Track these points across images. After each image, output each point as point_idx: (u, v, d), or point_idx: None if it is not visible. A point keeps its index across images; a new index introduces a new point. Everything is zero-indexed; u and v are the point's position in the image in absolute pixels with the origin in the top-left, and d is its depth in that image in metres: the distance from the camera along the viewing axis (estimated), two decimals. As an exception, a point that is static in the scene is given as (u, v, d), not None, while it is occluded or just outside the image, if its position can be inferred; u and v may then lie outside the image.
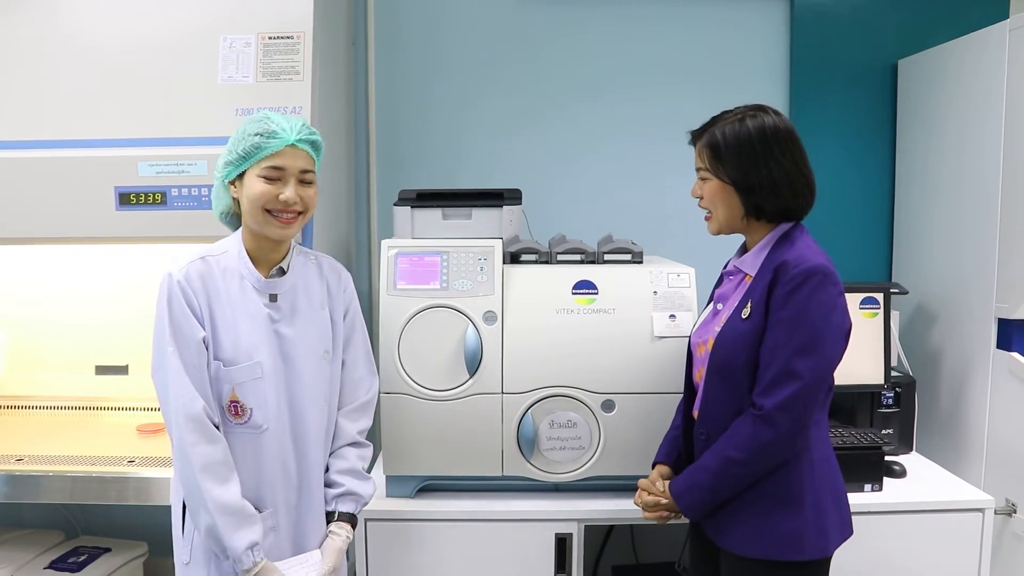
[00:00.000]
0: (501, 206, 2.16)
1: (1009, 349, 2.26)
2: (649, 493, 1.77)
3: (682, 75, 2.80)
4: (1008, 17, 2.39)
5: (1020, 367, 2.21)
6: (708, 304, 1.82)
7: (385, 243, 2.09)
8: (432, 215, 2.17)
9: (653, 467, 1.85)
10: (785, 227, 1.66)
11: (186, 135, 2.12)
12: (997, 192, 2.26)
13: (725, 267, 1.82)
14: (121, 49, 2.18)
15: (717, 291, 1.78)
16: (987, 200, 2.30)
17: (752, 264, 1.67)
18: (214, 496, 1.55)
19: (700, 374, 1.74)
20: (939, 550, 2.01)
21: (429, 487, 2.07)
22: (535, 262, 2.12)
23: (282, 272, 1.70)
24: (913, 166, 2.73)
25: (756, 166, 1.61)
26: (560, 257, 2.14)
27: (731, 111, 1.68)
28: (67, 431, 2.38)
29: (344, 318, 1.79)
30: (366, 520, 1.99)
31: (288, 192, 1.62)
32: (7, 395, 2.53)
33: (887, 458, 2.18)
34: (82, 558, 2.32)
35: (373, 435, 2.79)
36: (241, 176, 1.63)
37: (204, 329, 1.60)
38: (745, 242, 1.75)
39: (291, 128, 1.62)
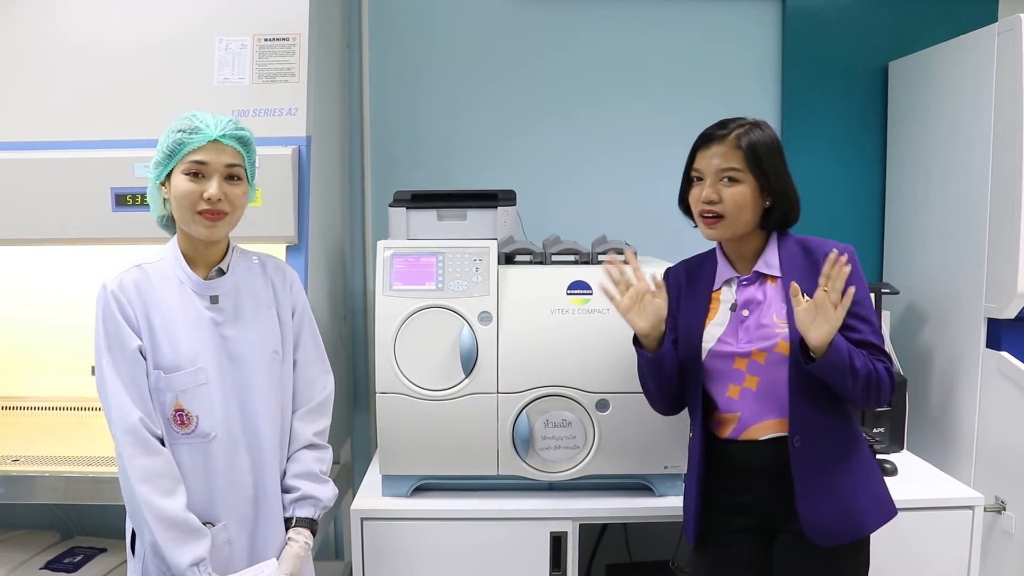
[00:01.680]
0: (496, 207, 2.17)
1: (998, 348, 2.28)
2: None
3: (675, 77, 2.82)
4: (997, 20, 2.41)
5: (1009, 366, 2.23)
6: (709, 311, 1.73)
7: (380, 244, 2.10)
8: (427, 216, 2.17)
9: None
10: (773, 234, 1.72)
11: (182, 136, 2.12)
12: (986, 193, 2.28)
13: (691, 272, 1.80)
14: (116, 50, 2.18)
15: (740, 297, 1.70)
16: (977, 201, 2.32)
17: (769, 266, 1.70)
18: (154, 509, 1.51)
19: (740, 388, 1.68)
20: (929, 547, 2.03)
21: (425, 486, 2.08)
22: (530, 263, 2.13)
23: (221, 273, 1.66)
24: (903, 167, 2.75)
25: (785, 174, 1.67)
26: (555, 258, 2.14)
27: (737, 119, 1.67)
28: (62, 431, 2.38)
29: (292, 317, 1.75)
30: (362, 519, 2.00)
31: (212, 188, 1.56)
32: (2, 396, 2.52)
33: (878, 456, 2.20)
34: (77, 558, 2.32)
35: (369, 435, 2.83)
36: (170, 176, 1.59)
37: (140, 338, 1.57)
38: (726, 250, 1.75)
39: (216, 124, 1.58)
